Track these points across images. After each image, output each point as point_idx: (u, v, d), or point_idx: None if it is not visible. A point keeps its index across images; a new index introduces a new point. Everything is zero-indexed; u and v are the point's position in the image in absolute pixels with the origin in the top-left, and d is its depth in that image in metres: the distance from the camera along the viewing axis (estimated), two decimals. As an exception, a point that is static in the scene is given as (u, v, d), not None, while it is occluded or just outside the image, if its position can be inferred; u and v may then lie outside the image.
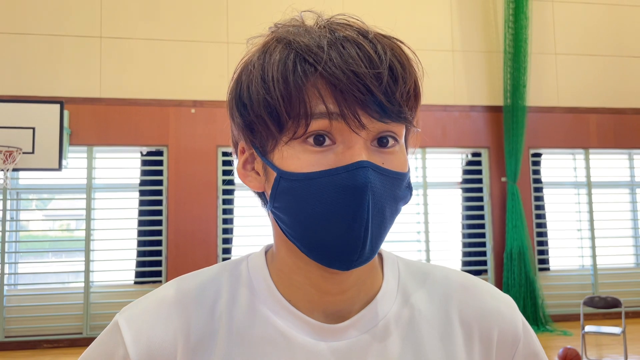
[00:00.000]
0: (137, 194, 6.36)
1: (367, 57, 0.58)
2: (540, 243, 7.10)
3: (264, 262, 0.69)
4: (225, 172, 6.41)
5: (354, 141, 0.58)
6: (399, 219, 0.65)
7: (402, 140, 0.63)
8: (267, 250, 0.71)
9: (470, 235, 7.04)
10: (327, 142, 0.59)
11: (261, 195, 0.69)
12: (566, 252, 7.29)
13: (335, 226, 0.58)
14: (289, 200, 0.60)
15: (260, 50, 0.63)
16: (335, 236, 0.58)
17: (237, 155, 0.70)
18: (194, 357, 0.63)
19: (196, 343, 0.64)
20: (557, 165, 7.39)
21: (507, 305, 0.73)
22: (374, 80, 0.57)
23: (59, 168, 5.34)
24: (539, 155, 7.23)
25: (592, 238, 7.21)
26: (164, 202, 6.26)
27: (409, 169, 0.64)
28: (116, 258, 6.27)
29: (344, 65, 0.57)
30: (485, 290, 0.73)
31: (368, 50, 0.58)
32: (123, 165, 6.43)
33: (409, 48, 0.63)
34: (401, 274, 0.72)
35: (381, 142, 0.60)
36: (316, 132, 0.59)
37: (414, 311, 0.69)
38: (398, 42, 0.63)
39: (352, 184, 0.57)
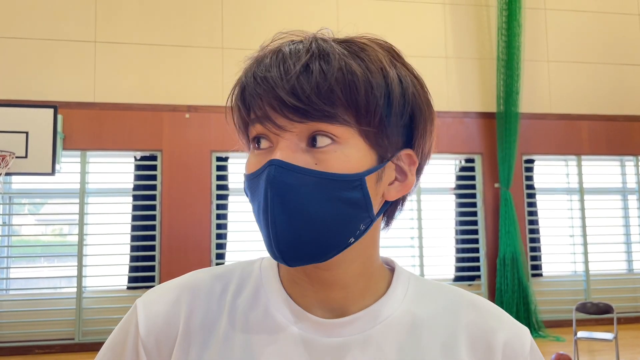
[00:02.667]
0: (130, 199, 6.34)
1: (282, 61, 0.62)
2: (533, 249, 7.12)
3: (275, 261, 0.73)
4: (219, 177, 6.41)
5: (280, 142, 0.62)
6: (392, 224, 0.67)
7: (350, 141, 0.62)
8: None
9: (463, 241, 7.06)
10: (267, 144, 0.64)
11: None
12: (559, 258, 7.32)
13: (260, 223, 0.63)
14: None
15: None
16: (262, 233, 0.63)
17: None
18: (193, 340, 0.68)
19: (198, 326, 0.69)
20: (549, 172, 7.43)
21: (516, 330, 0.72)
22: (280, 82, 0.60)
23: (52, 172, 5.31)
24: (531, 161, 7.27)
25: (585, 244, 7.25)
26: (158, 207, 6.25)
27: (365, 170, 0.63)
28: (109, 263, 6.25)
29: (258, 73, 0.63)
30: (497, 312, 0.73)
31: (286, 55, 0.62)
32: (117, 170, 6.42)
33: (392, 52, 0.66)
34: (410, 286, 0.73)
35: (312, 142, 0.62)
36: (256, 136, 0.65)
37: (415, 319, 0.70)
38: (358, 42, 0.64)
39: (261, 182, 0.62)
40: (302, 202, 0.60)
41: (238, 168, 6.44)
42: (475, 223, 7.04)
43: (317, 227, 0.61)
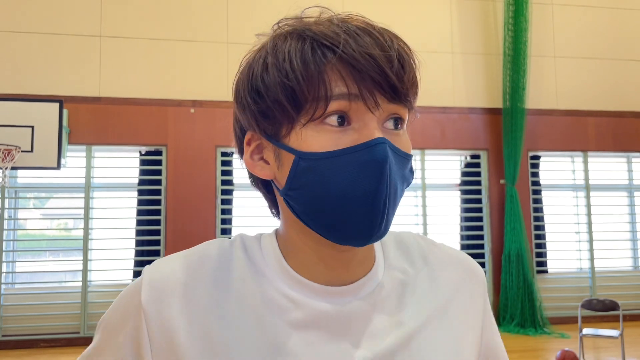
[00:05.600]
0: (135, 194, 6.35)
1: (379, 44, 0.62)
2: (539, 245, 7.10)
3: (275, 240, 0.72)
4: (224, 172, 6.41)
5: (369, 120, 0.62)
6: (396, 220, 0.67)
7: (406, 124, 0.68)
8: (278, 236, 0.75)
9: (468, 237, 7.05)
10: (345, 122, 0.63)
11: (266, 183, 0.73)
12: (564, 254, 7.30)
13: (357, 201, 0.61)
14: (309, 180, 0.63)
15: (270, 43, 0.67)
16: (356, 212, 0.61)
17: (239, 149, 0.73)
18: (200, 313, 0.66)
19: (204, 298, 0.66)
20: (555, 168, 7.39)
21: (469, 257, 0.82)
22: (387, 62, 0.61)
23: (58, 167, 5.33)
24: (537, 157, 7.24)
25: (590, 241, 7.22)
26: (163, 202, 6.26)
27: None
28: (114, 257, 6.27)
29: (360, 49, 0.61)
30: (448, 246, 0.82)
31: (379, 38, 0.63)
32: (122, 165, 6.43)
33: (405, 43, 0.68)
34: (383, 241, 0.77)
35: (391, 123, 0.65)
36: (336, 112, 0.62)
37: (400, 273, 0.74)
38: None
39: (373, 159, 0.60)
40: (397, 181, 0.64)
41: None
42: (480, 219, 7.02)
43: (398, 204, 0.66)
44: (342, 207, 0.61)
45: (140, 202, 6.32)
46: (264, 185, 0.74)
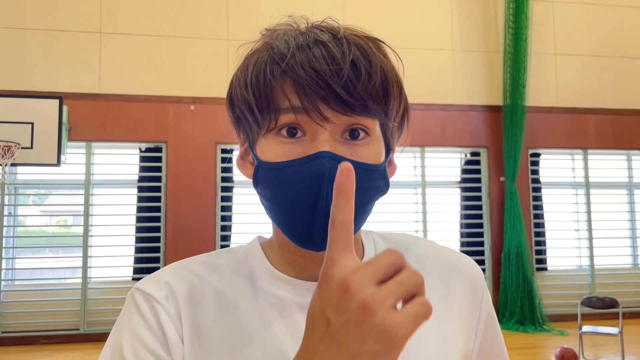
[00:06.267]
0: (135, 190, 6.35)
1: (330, 56, 0.63)
2: (538, 243, 7.11)
3: (258, 245, 0.76)
4: (224, 169, 6.40)
5: (319, 133, 0.64)
6: (398, 217, 0.67)
7: (377, 134, 0.67)
8: (262, 241, 0.78)
9: (468, 235, 7.05)
10: (299, 134, 0.65)
11: None
12: (564, 252, 7.31)
13: (301, 211, 0.64)
14: (266, 187, 0.67)
15: (248, 54, 0.71)
16: (302, 221, 0.64)
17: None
18: (192, 310, 0.68)
19: (195, 300, 0.69)
20: (555, 166, 7.40)
21: (468, 258, 0.82)
22: (334, 76, 0.62)
23: (58, 163, 5.32)
24: (537, 155, 7.24)
25: (590, 238, 7.22)
26: (163, 199, 6.25)
27: (384, 161, 0.69)
28: (114, 254, 6.27)
29: (307, 64, 0.63)
30: (446, 247, 0.82)
31: (332, 50, 0.64)
32: (122, 161, 6.43)
33: (389, 47, 0.69)
34: (376, 242, 0.79)
35: (352, 134, 0.65)
36: (287, 125, 0.65)
37: None
38: (371, 41, 0.68)
39: (311, 173, 0.62)
40: None
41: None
42: (480, 217, 7.02)
43: (355, 215, 0.65)
44: (291, 215, 0.65)
45: (140, 199, 6.32)
46: None
